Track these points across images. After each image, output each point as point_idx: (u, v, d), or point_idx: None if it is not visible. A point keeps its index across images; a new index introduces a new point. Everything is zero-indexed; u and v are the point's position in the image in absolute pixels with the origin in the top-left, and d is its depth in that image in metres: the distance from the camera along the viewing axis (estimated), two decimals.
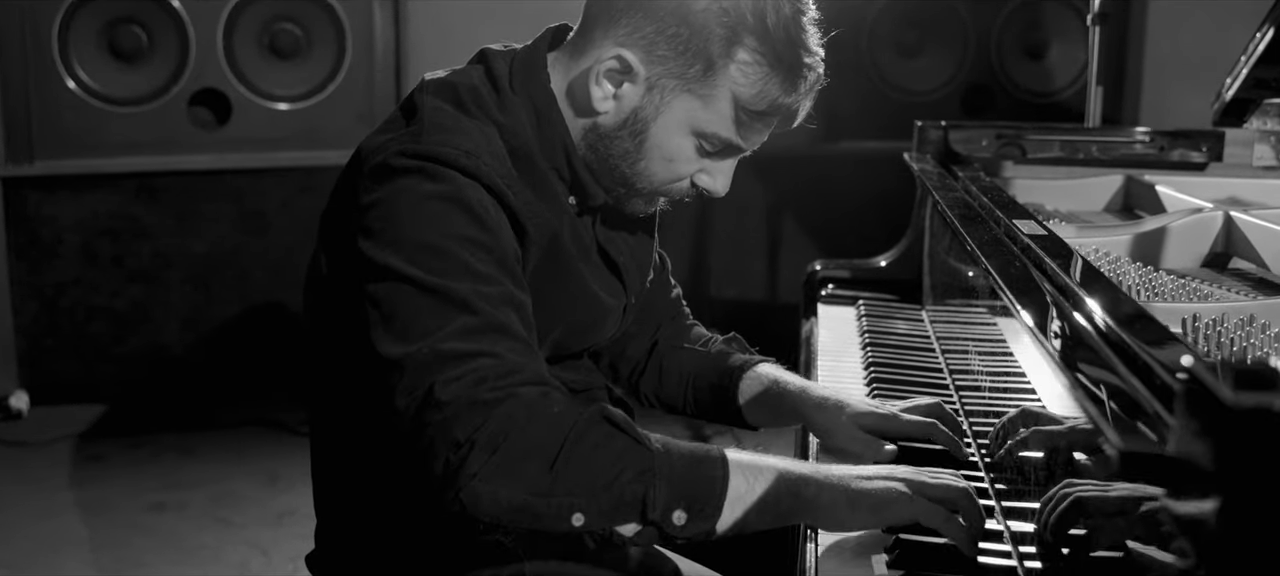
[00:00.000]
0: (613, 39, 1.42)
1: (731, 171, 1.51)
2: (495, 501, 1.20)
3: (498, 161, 1.38)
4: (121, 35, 4.32)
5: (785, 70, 1.40)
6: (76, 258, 4.45)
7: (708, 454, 1.27)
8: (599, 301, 1.54)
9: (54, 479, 3.82)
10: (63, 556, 3.26)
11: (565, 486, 1.20)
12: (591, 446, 1.22)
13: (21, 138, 4.28)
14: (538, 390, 1.24)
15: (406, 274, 1.28)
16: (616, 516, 1.23)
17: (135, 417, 4.32)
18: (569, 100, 1.47)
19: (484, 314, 1.27)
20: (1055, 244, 1.40)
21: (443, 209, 1.31)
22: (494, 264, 1.32)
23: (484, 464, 1.19)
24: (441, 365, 1.23)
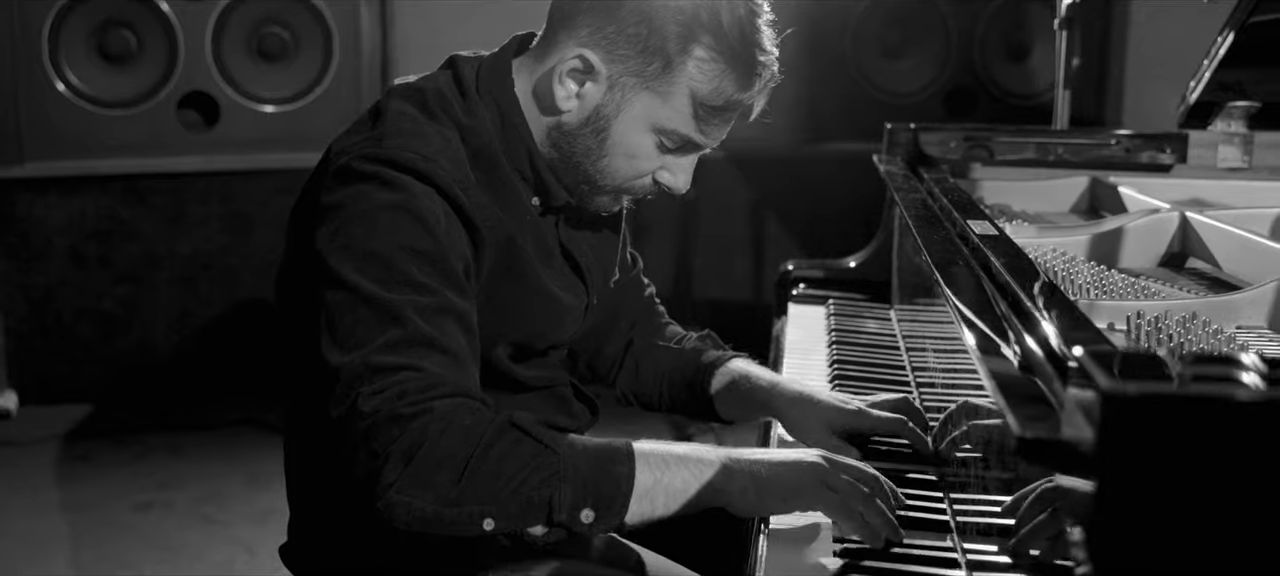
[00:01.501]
0: (575, 39, 1.46)
1: (692, 168, 1.54)
2: (409, 510, 1.25)
3: (455, 166, 1.42)
4: (111, 38, 4.35)
5: (740, 67, 1.44)
6: (65, 259, 4.48)
7: (614, 451, 1.31)
8: (558, 301, 1.58)
9: (41, 478, 3.85)
10: (49, 555, 3.29)
11: (474, 494, 1.24)
12: (498, 455, 1.26)
13: (11, 139, 4.31)
14: (453, 403, 1.28)
15: (351, 282, 1.33)
16: (525, 519, 1.27)
17: (123, 417, 4.35)
18: (534, 101, 1.51)
19: (414, 327, 1.31)
20: (1004, 244, 1.44)
21: (393, 219, 1.36)
22: (438, 274, 1.36)
23: (398, 475, 1.24)
24: (368, 377, 1.28)
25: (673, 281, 4.84)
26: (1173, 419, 0.66)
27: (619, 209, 1.62)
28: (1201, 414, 0.66)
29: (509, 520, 1.26)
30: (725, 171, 4.87)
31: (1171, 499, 0.67)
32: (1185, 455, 0.67)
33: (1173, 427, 0.67)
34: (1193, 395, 0.66)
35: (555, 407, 1.63)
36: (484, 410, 1.30)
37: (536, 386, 1.60)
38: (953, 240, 1.48)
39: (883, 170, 2.22)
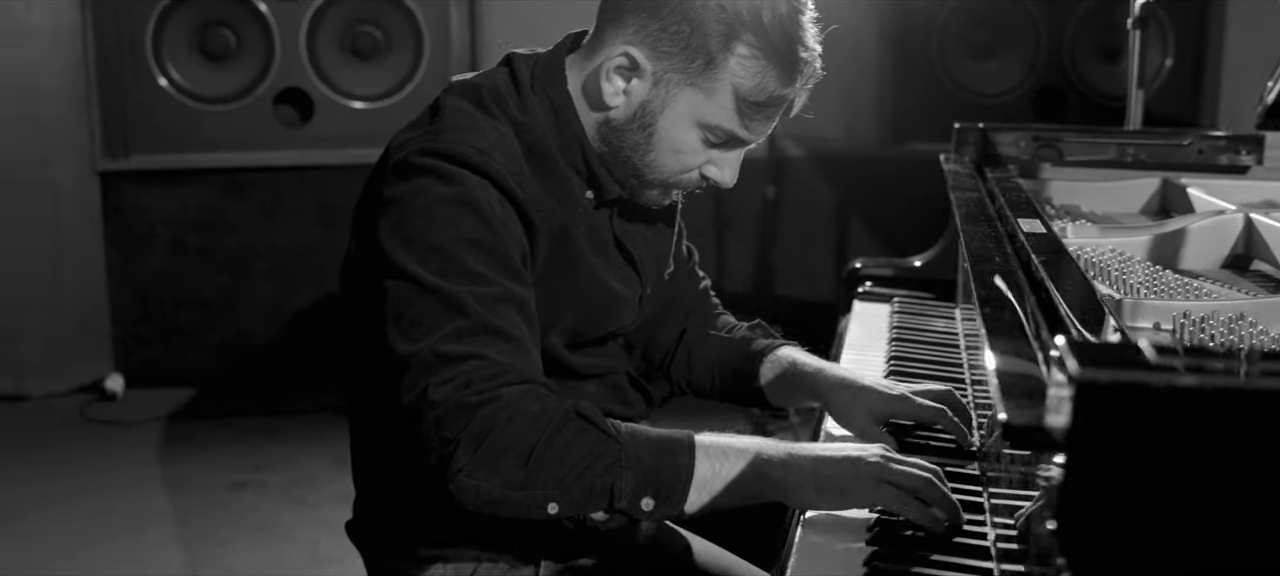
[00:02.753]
0: (621, 37, 1.51)
1: (738, 162, 1.58)
2: (478, 493, 1.31)
3: (509, 159, 1.48)
4: (211, 37, 4.51)
5: (782, 64, 1.48)
6: (168, 249, 4.66)
7: (675, 442, 1.36)
8: (611, 291, 1.63)
9: (144, 457, 4.01)
10: (149, 530, 3.44)
11: (539, 479, 1.31)
12: (563, 442, 1.32)
13: (118, 134, 4.50)
14: (519, 390, 1.34)
15: (413, 273, 1.40)
16: (587, 505, 1.33)
17: (220, 401, 4.52)
18: (584, 97, 1.57)
19: (477, 316, 1.37)
20: (1047, 242, 1.47)
21: (451, 212, 1.42)
22: (495, 264, 1.42)
23: (468, 460, 1.30)
24: (436, 367, 1.34)
25: (754, 280, 4.88)
26: (1140, 406, 0.70)
27: (670, 202, 1.67)
28: (1166, 402, 0.70)
29: (572, 505, 1.32)
30: (808, 171, 4.90)
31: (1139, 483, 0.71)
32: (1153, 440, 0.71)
33: (1141, 414, 0.70)
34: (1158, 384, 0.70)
35: (611, 396, 1.68)
36: (549, 397, 1.36)
37: (592, 375, 1.65)
38: (994, 236, 1.51)
39: (945, 169, 2.24)
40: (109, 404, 4.52)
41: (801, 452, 1.38)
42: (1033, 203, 1.87)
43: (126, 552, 3.30)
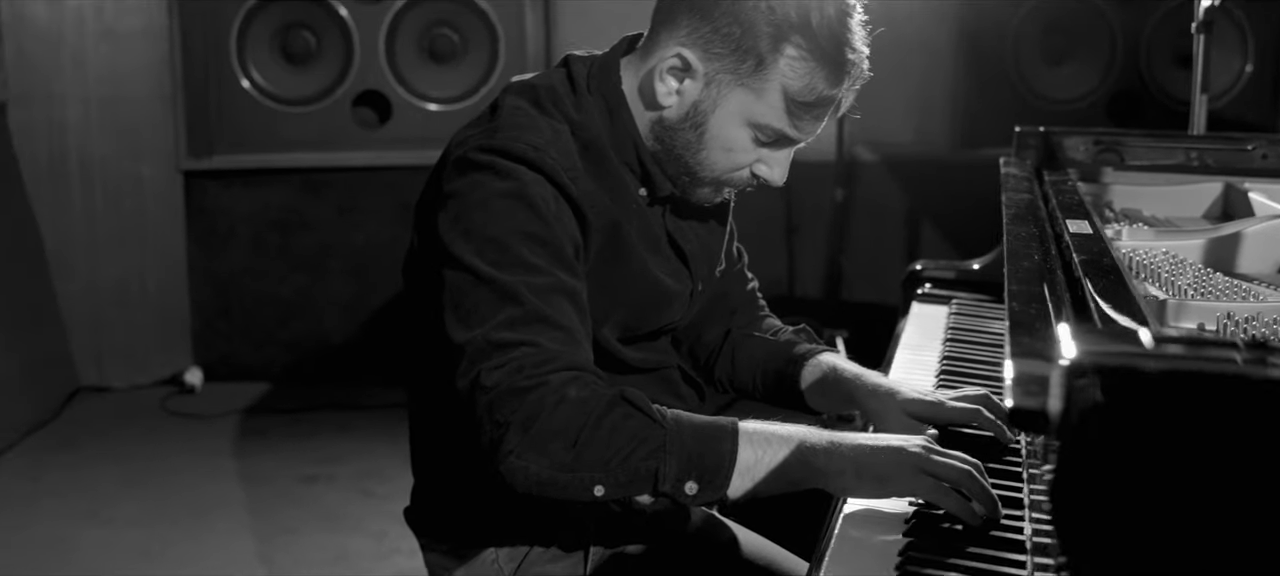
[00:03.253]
0: (675, 39, 1.55)
1: (788, 161, 1.61)
2: (527, 475, 1.35)
3: (563, 156, 1.53)
4: (292, 39, 4.62)
5: (830, 65, 1.51)
6: (247, 246, 4.77)
7: (719, 428, 1.39)
8: (662, 285, 1.67)
9: (220, 448, 4.13)
10: (222, 518, 3.54)
11: (586, 462, 1.34)
12: (609, 427, 1.35)
13: (201, 134, 4.62)
14: (567, 376, 1.38)
15: (470, 264, 1.45)
16: (632, 488, 1.36)
17: (294, 396, 4.62)
18: (639, 97, 1.61)
19: (530, 305, 1.42)
20: (1091, 243, 1.47)
21: (507, 205, 1.47)
22: (548, 256, 1.46)
23: (518, 442, 1.34)
24: (489, 353, 1.39)
25: (824, 283, 4.88)
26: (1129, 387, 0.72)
27: (721, 200, 1.70)
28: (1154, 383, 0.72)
29: (618, 488, 1.36)
30: (879, 175, 4.89)
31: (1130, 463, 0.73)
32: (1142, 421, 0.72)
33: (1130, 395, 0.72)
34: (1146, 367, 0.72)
35: (663, 390, 1.72)
36: (597, 383, 1.40)
37: (644, 369, 1.69)
38: (1037, 237, 1.52)
39: (1002, 172, 2.24)
40: (188, 397, 4.65)
41: (844, 441, 1.40)
42: (1085, 205, 1.87)
43: (203, 539, 3.40)
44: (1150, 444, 0.73)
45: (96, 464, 3.96)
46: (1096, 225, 1.64)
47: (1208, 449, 0.72)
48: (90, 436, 4.23)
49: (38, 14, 4.43)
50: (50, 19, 4.45)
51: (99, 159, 4.58)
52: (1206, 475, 0.73)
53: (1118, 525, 0.73)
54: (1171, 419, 0.72)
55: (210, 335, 4.82)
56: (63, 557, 3.28)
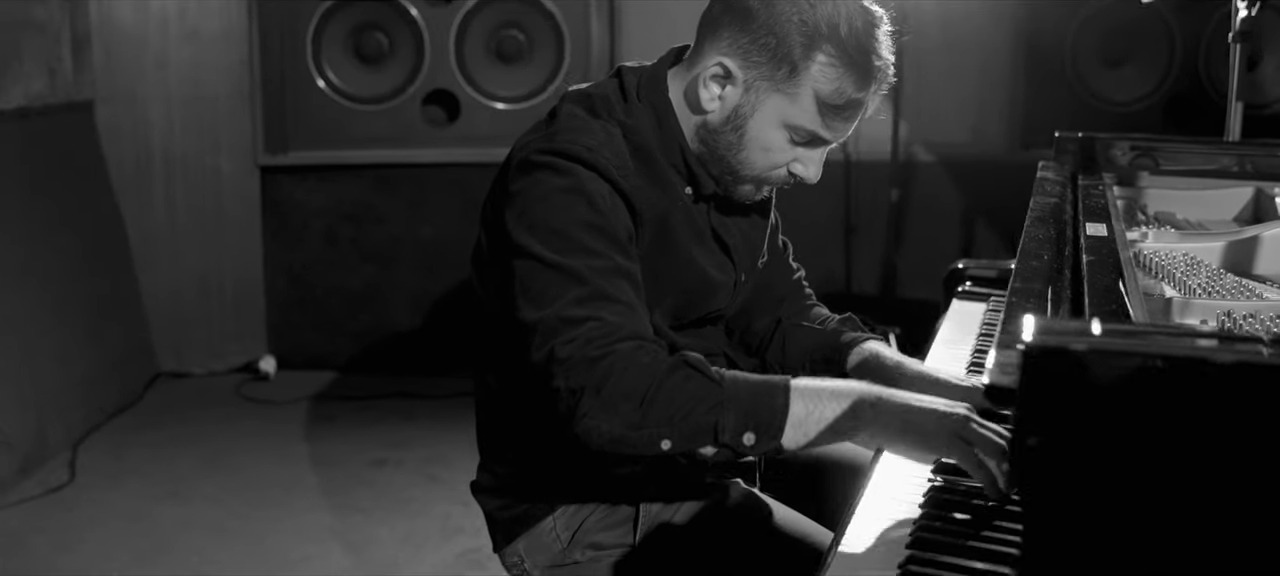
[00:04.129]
0: (716, 49, 1.68)
1: (821, 160, 1.73)
2: (601, 434, 1.49)
3: (616, 155, 1.66)
4: (366, 40, 4.78)
5: (858, 71, 1.63)
6: (320, 240, 4.95)
7: (773, 385, 1.51)
8: (707, 275, 1.79)
9: (293, 433, 4.31)
10: (295, 500, 3.71)
11: (653, 420, 1.48)
12: (671, 387, 1.48)
13: (277, 131, 4.80)
14: (633, 344, 1.52)
15: (537, 252, 1.58)
16: (696, 441, 1.49)
17: (364, 384, 4.80)
18: (685, 103, 1.74)
19: (594, 284, 1.55)
20: (1103, 244, 1.58)
21: (566, 199, 1.60)
22: (605, 242, 1.60)
23: (592, 405, 1.48)
24: (560, 329, 1.53)
25: (880, 281, 4.97)
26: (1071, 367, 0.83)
27: (761, 197, 1.82)
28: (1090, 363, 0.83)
29: (683, 441, 1.49)
30: (936, 176, 4.96)
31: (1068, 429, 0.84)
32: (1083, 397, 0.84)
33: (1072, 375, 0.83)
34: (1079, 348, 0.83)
35: None
36: (659, 349, 1.54)
37: None
38: (1052, 238, 1.62)
39: (1038, 176, 2.33)
40: (262, 383, 4.85)
41: (892, 397, 1.51)
42: (1107, 209, 1.96)
43: (277, 517, 3.57)
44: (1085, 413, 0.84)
45: (176, 445, 4.16)
46: (1114, 228, 1.74)
47: (1134, 418, 0.83)
48: (171, 419, 4.43)
49: (124, 17, 4.64)
50: (135, 22, 4.66)
51: (180, 156, 4.78)
52: (1133, 440, 0.83)
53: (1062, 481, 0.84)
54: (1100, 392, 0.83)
55: (283, 325, 5.01)
56: (145, 531, 3.47)
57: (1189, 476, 0.82)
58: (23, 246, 4.05)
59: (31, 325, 4.01)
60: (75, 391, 4.20)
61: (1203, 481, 0.83)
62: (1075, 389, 0.83)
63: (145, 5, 4.66)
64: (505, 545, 1.84)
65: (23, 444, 3.82)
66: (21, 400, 3.86)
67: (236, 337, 4.97)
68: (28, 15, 4.17)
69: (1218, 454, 0.83)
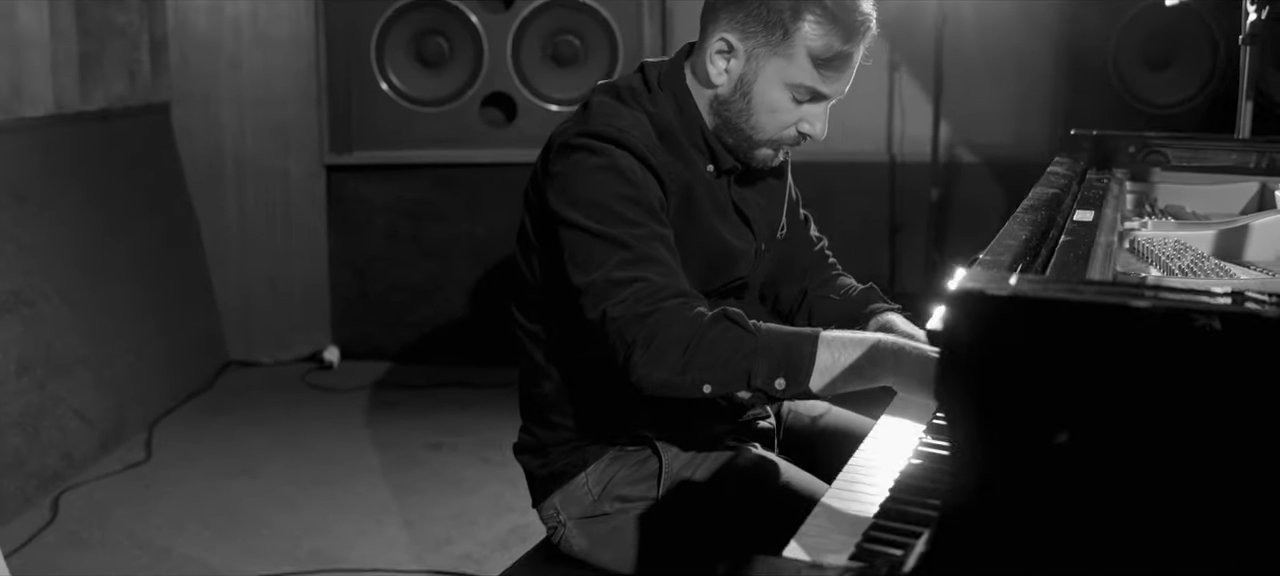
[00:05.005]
0: (717, 28, 1.87)
1: (825, 116, 1.91)
2: (652, 381, 1.68)
3: (643, 136, 1.84)
4: (427, 45, 4.99)
5: (843, 27, 1.81)
6: (382, 236, 5.17)
7: (802, 336, 1.68)
8: (728, 244, 1.97)
9: (355, 419, 4.53)
10: (356, 480, 3.92)
11: (695, 366, 1.66)
12: (712, 338, 1.66)
13: (342, 131, 5.03)
14: (678, 301, 1.70)
15: (582, 224, 1.77)
16: (732, 385, 1.67)
17: (422, 373, 5.02)
18: (697, 84, 1.92)
19: (636, 249, 1.74)
20: (1082, 229, 1.73)
21: (603, 176, 1.79)
22: (641, 212, 1.78)
23: (643, 356, 1.67)
24: (610, 291, 1.72)
25: (923, 277, 5.10)
26: (986, 310, 0.99)
27: (779, 161, 1.99)
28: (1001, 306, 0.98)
29: (722, 385, 1.67)
30: (979, 176, 5.09)
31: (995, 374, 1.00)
32: (999, 336, 0.99)
33: (988, 317, 0.99)
34: (993, 291, 0.98)
35: None
36: (701, 304, 1.72)
37: None
38: (1035, 222, 1.76)
39: (1048, 170, 2.47)
40: (326, 372, 5.09)
41: (911, 348, 1.66)
42: (1105, 199, 2.11)
43: (340, 497, 3.78)
44: (1001, 351, 1.00)
45: (246, 427, 4.39)
46: (1105, 215, 1.88)
47: (1047, 358, 0.99)
48: (240, 404, 4.67)
49: (199, 23, 4.90)
50: (210, 28, 4.91)
51: (251, 155, 5.03)
52: (1047, 380, 0.99)
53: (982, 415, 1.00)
54: (1015, 332, 0.99)
55: (347, 316, 5.23)
56: (217, 504, 3.69)
57: (1099, 414, 0.98)
58: (103, 240, 4.30)
59: (110, 315, 4.26)
60: (151, 376, 4.44)
61: (1112, 419, 0.98)
62: (992, 329, 1.00)
63: (219, 11, 4.91)
64: (542, 499, 2.03)
65: (103, 423, 4.07)
66: (101, 383, 4.11)
67: (302, 328, 5.20)
68: (109, 21, 4.43)
69: (1125, 393, 0.99)
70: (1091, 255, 1.56)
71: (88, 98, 4.28)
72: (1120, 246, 2.10)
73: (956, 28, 4.78)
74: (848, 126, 5.02)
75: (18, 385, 3.67)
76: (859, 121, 5.03)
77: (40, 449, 3.73)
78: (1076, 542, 1.00)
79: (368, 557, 3.34)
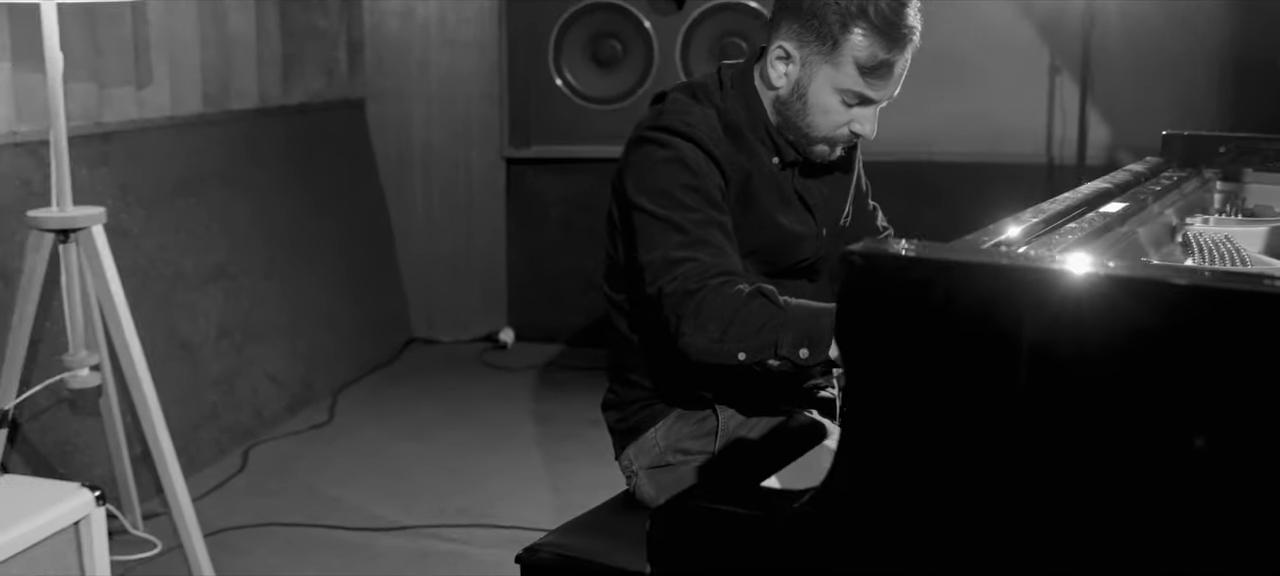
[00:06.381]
0: (779, 37, 2.07)
1: (875, 118, 2.09)
2: (696, 348, 1.91)
3: (709, 129, 2.06)
4: (602, 46, 5.27)
5: (887, 39, 1.99)
6: (557, 226, 5.50)
7: (826, 310, 1.87)
8: (787, 229, 2.16)
9: (524, 395, 4.87)
10: (513, 447, 4.26)
11: (732, 337, 1.88)
12: (748, 312, 1.88)
13: (521, 127, 5.37)
14: (721, 279, 1.92)
15: (648, 208, 2.01)
16: (762, 354, 1.88)
17: (591, 355, 5.31)
18: (763, 85, 2.13)
19: (692, 233, 1.97)
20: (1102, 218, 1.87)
21: (668, 167, 2.02)
22: (701, 199, 2.00)
23: (689, 327, 1.91)
24: (666, 268, 1.96)
25: None
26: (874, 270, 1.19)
27: (835, 155, 2.17)
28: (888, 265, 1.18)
29: (754, 354, 1.89)
30: None
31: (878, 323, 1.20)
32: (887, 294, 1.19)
33: (878, 276, 1.19)
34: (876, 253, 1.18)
35: None
36: (742, 283, 1.94)
37: None
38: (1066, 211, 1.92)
39: (1126, 168, 2.58)
40: (500, 352, 5.46)
41: None
42: (1159, 195, 2.23)
43: (496, 462, 4.12)
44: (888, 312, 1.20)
45: (422, 398, 4.79)
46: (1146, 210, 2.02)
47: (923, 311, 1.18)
48: (419, 377, 5.08)
49: (392, 27, 5.33)
50: (402, 31, 5.34)
51: (437, 148, 5.44)
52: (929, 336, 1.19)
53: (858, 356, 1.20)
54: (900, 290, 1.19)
55: (522, 301, 5.58)
56: (385, 463, 4.08)
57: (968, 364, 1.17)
58: (299, 223, 4.76)
59: (303, 291, 4.71)
60: (339, 348, 4.89)
61: (980, 369, 1.17)
62: (882, 289, 1.20)
63: (411, 16, 5.33)
64: (621, 452, 2.28)
65: (291, 386, 4.52)
66: (293, 351, 4.56)
67: (481, 310, 5.58)
68: (310, 24, 4.89)
69: (1004, 350, 1.18)
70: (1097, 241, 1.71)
71: (289, 93, 4.74)
72: (1174, 240, 2.23)
73: (1109, 28, 4.82)
74: (1007, 129, 5.11)
75: (217, 348, 4.13)
76: (1018, 124, 5.10)
77: (234, 405, 4.19)
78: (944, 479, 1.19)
79: (509, 515, 3.65)
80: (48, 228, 3.01)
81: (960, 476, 1.17)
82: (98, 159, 3.70)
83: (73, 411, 3.47)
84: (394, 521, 3.61)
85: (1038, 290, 1.12)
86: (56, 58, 2.95)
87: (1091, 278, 1.12)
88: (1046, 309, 1.11)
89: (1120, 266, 1.13)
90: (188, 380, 3.98)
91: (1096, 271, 1.10)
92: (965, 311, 1.16)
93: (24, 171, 3.40)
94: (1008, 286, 1.13)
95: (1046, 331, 1.12)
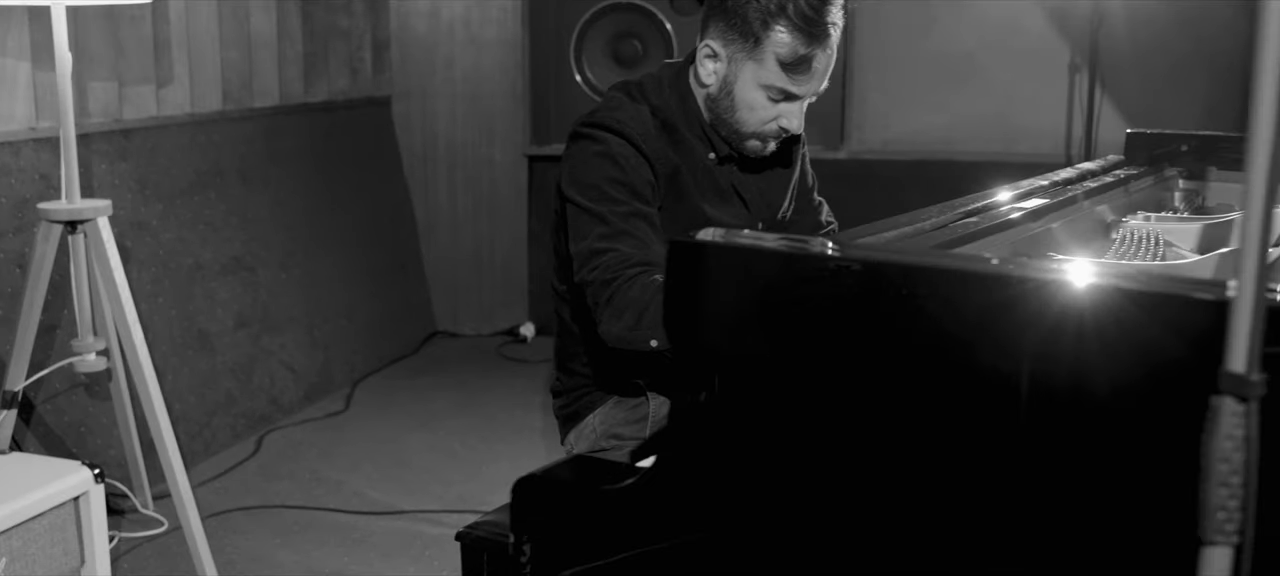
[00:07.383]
0: (707, 36, 2.16)
1: (800, 113, 2.16)
2: (612, 335, 2.00)
3: (640, 125, 2.14)
4: (623, 45, 5.35)
5: (806, 36, 2.06)
6: None
7: None
8: (714, 221, 2.22)
9: (538, 387, 4.97)
10: (519, 438, 4.36)
11: (645, 324, 1.95)
12: (660, 302, 1.92)
13: (543, 124, 5.47)
14: (638, 270, 2.00)
15: (577, 201, 2.10)
16: None
17: None
18: (697, 83, 2.21)
19: (614, 225, 2.05)
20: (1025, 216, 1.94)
21: (597, 161, 2.10)
22: (627, 193, 2.08)
23: (605, 314, 2.00)
24: (589, 258, 2.04)
25: None
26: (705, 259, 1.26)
27: (768, 151, 2.24)
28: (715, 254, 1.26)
29: (665, 341, 1.92)
30: None
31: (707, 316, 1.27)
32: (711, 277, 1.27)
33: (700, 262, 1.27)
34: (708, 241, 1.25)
35: None
36: (657, 274, 2.00)
37: None
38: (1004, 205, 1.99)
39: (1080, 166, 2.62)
40: (520, 345, 5.56)
41: None
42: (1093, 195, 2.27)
43: (499, 450, 4.23)
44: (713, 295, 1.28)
45: (437, 390, 4.91)
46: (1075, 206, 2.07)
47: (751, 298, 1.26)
48: (437, 369, 5.20)
49: (418, 26, 5.46)
50: (428, 30, 5.46)
51: (460, 145, 5.56)
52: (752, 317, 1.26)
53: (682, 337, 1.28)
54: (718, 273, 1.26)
55: (543, 296, 5.67)
56: (391, 451, 4.20)
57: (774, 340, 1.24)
58: (323, 217, 4.90)
59: (325, 283, 4.85)
60: (360, 339, 5.02)
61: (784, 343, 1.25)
62: (706, 275, 1.28)
63: (437, 15, 5.45)
64: (564, 436, 2.37)
65: (309, 376, 4.66)
66: (313, 342, 4.70)
67: (502, 305, 5.70)
68: (334, 23, 5.03)
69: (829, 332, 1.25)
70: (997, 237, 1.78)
71: (311, 91, 4.89)
72: (1107, 237, 2.27)
73: (1130, 27, 4.82)
74: (1025, 128, 5.13)
75: (234, 337, 4.28)
76: (1037, 123, 5.12)
77: (250, 393, 4.33)
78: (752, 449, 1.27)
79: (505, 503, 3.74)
80: (56, 219, 3.16)
81: (774, 461, 1.24)
82: (117, 154, 3.86)
83: (88, 395, 3.62)
84: (392, 506, 3.72)
85: (825, 279, 1.19)
86: (65, 57, 3.10)
87: (835, 262, 1.19)
88: (829, 296, 1.19)
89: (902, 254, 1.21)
90: (205, 368, 4.13)
91: (886, 260, 1.18)
92: (771, 297, 1.23)
93: (43, 166, 3.56)
94: (794, 272, 1.21)
95: (830, 318, 1.20)
